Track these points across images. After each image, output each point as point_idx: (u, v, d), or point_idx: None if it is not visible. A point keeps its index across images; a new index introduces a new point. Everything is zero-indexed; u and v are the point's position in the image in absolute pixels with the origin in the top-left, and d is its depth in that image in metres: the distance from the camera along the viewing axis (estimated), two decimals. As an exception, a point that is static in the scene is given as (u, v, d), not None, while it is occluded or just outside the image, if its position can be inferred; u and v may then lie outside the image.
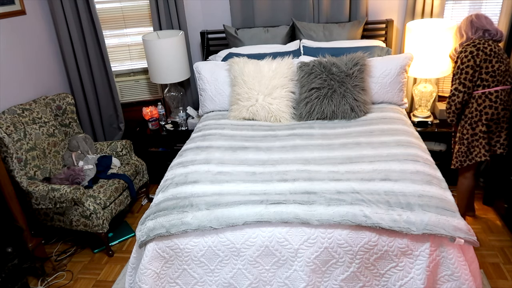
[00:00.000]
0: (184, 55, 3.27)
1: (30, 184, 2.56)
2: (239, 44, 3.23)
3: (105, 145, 3.19)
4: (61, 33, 3.29)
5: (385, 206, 1.80)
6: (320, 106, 2.72)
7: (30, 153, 2.72)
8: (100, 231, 2.61)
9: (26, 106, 2.83)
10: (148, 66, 3.30)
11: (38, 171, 2.76)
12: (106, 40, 3.43)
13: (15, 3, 2.91)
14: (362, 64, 2.73)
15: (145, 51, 3.22)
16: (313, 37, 3.14)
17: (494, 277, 2.28)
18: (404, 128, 2.50)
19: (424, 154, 2.22)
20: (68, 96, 3.14)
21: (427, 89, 3.00)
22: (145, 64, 3.67)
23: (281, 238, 1.79)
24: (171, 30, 3.34)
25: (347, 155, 2.23)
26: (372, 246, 1.74)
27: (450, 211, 1.78)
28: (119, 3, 3.44)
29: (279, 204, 1.85)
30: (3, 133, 2.45)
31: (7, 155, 2.46)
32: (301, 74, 2.79)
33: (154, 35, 3.32)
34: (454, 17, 3.06)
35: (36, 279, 2.55)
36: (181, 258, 1.88)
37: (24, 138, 2.69)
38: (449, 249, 1.72)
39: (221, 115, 2.94)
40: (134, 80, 3.64)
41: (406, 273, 1.77)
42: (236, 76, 2.86)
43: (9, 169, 2.47)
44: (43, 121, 2.89)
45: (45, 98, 3.03)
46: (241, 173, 2.13)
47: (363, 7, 3.15)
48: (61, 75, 3.47)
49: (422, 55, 2.83)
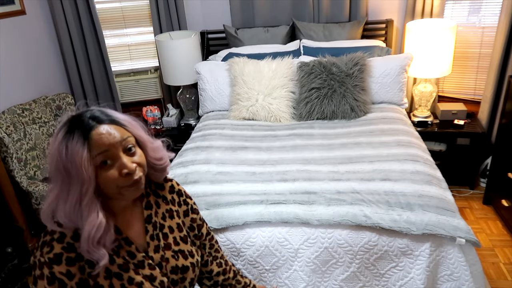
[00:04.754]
0: (198, 57, 3.24)
1: (30, 184, 2.56)
2: (239, 44, 3.23)
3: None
4: (61, 33, 3.29)
5: (385, 206, 1.80)
6: (320, 106, 2.71)
7: (30, 153, 2.72)
8: (100, 231, 2.61)
9: (26, 106, 2.83)
10: (161, 67, 3.30)
11: (38, 171, 2.76)
12: (106, 40, 3.43)
13: (15, 3, 2.91)
14: (362, 64, 2.73)
15: (158, 52, 3.22)
16: (313, 37, 3.14)
17: (494, 277, 2.28)
18: (404, 128, 2.50)
19: (424, 154, 2.22)
20: (68, 96, 3.14)
21: (427, 89, 2.99)
22: (146, 64, 3.68)
23: (281, 238, 1.79)
24: (184, 31, 3.34)
25: (347, 155, 2.23)
26: (372, 246, 1.74)
27: (450, 211, 1.78)
28: (119, 3, 3.44)
29: (279, 204, 1.85)
30: (3, 133, 2.45)
31: (7, 155, 2.46)
32: (301, 74, 2.79)
33: (166, 35, 3.31)
34: (454, 17, 3.06)
35: (36, 279, 2.55)
36: (181, 258, 1.88)
37: (24, 138, 2.69)
38: (449, 249, 1.72)
39: (221, 115, 2.93)
40: (134, 80, 3.64)
41: (406, 273, 1.77)
42: (236, 76, 2.86)
43: (9, 169, 2.47)
44: (43, 121, 2.89)
45: (45, 98, 3.03)
46: (241, 173, 2.13)
47: (363, 7, 3.15)
48: (61, 75, 3.47)
49: (422, 55, 2.82)
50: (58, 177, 0.88)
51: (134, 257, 1.01)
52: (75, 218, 0.88)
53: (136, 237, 1.04)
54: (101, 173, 0.88)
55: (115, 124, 0.92)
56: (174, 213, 1.13)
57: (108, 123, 0.91)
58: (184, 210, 1.17)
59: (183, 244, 1.11)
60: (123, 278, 0.96)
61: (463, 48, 3.07)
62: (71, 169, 0.85)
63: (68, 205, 0.87)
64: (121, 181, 0.90)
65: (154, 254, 1.04)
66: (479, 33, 3.01)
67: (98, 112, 0.92)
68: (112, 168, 0.89)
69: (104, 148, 0.87)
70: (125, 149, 0.91)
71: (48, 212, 0.91)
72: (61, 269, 0.89)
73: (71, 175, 0.86)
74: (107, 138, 0.88)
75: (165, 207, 1.12)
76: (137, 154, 0.94)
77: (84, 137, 0.86)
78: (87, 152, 0.85)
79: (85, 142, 0.85)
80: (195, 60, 3.18)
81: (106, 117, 0.92)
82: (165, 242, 1.07)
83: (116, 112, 0.96)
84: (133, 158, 0.93)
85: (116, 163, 0.89)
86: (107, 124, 0.90)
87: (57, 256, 0.90)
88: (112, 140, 0.88)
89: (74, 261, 0.91)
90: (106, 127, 0.89)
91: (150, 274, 1.01)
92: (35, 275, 0.91)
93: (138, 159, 0.94)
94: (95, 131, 0.88)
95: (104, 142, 0.87)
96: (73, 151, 0.85)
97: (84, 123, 0.88)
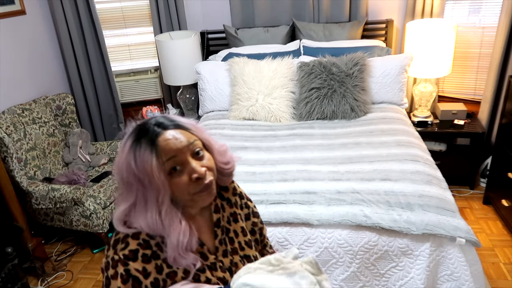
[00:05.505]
0: (198, 57, 3.25)
1: (30, 184, 2.56)
2: (239, 44, 3.23)
3: (105, 145, 3.19)
4: (61, 33, 3.29)
5: (385, 206, 1.80)
6: (320, 106, 2.71)
7: (30, 153, 2.71)
8: (100, 231, 2.61)
9: (26, 106, 2.83)
10: (161, 67, 3.30)
11: (38, 171, 2.76)
12: (106, 40, 3.43)
13: (15, 3, 2.91)
14: (362, 64, 2.73)
15: (158, 52, 3.22)
16: (313, 37, 3.14)
17: (494, 277, 2.28)
18: (404, 128, 2.50)
19: (424, 154, 2.22)
20: (68, 96, 3.14)
21: (427, 89, 2.99)
22: (146, 64, 3.68)
23: (281, 238, 1.79)
24: (184, 31, 3.34)
25: (347, 155, 2.23)
26: (372, 246, 1.74)
27: (450, 211, 1.78)
28: (119, 3, 3.44)
29: (279, 204, 1.85)
30: (3, 133, 2.45)
31: (7, 155, 2.45)
32: (301, 74, 2.79)
33: (166, 35, 3.31)
34: (454, 17, 3.06)
35: (36, 279, 2.55)
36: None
37: (24, 138, 2.69)
38: (449, 249, 1.72)
39: (221, 115, 2.93)
40: (134, 80, 3.64)
41: (406, 273, 1.77)
42: (236, 76, 2.86)
43: (9, 169, 2.47)
44: (43, 121, 2.89)
45: (45, 98, 3.03)
46: (241, 173, 2.13)
47: (363, 7, 3.15)
48: (61, 75, 3.47)
49: (422, 55, 2.82)
50: (131, 187, 0.87)
51: (207, 259, 0.98)
52: (157, 228, 0.87)
53: (206, 241, 1.00)
54: (172, 180, 0.87)
55: (181, 129, 0.91)
56: (238, 216, 1.09)
57: (173, 128, 0.90)
58: (246, 213, 1.12)
59: (248, 249, 1.06)
60: (200, 280, 0.94)
61: (463, 48, 3.07)
62: (144, 178, 0.85)
63: (149, 216, 0.86)
64: (192, 187, 0.88)
65: (223, 259, 1.01)
66: (479, 33, 3.01)
67: (162, 119, 0.91)
68: (183, 174, 0.87)
69: (172, 154, 0.86)
70: (193, 153, 0.90)
71: (120, 219, 0.90)
72: (137, 266, 0.86)
73: (144, 185, 0.85)
74: (174, 143, 0.87)
75: (229, 210, 1.08)
76: (205, 157, 0.92)
77: (151, 144, 0.85)
78: (156, 160, 0.84)
79: (153, 150, 0.85)
80: (195, 60, 3.18)
81: (171, 122, 0.91)
82: (232, 247, 1.04)
83: (180, 117, 0.95)
84: (202, 162, 0.90)
85: (185, 168, 0.88)
86: (173, 129, 0.89)
87: (133, 252, 0.87)
88: (179, 145, 0.87)
89: (150, 258, 0.88)
90: (172, 132, 0.88)
91: (223, 277, 0.98)
92: (108, 276, 0.87)
93: (207, 162, 0.91)
94: (161, 137, 0.87)
95: (172, 147, 0.86)
96: (142, 160, 0.85)
97: (149, 131, 0.88)
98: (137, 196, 0.87)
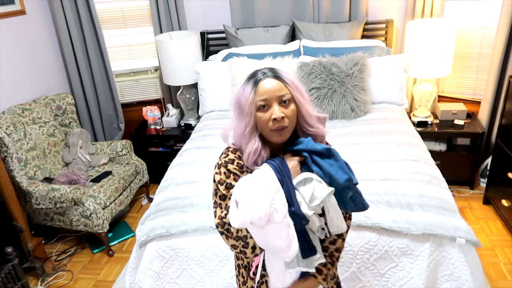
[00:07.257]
0: (198, 57, 3.24)
1: (30, 184, 2.56)
2: (239, 44, 3.23)
3: (105, 145, 3.19)
4: (61, 33, 3.29)
5: (385, 206, 1.80)
6: (320, 106, 2.71)
7: (30, 153, 2.71)
8: (100, 231, 2.61)
9: (26, 106, 2.83)
10: (161, 67, 3.31)
11: (38, 171, 2.76)
12: (106, 40, 3.43)
13: (15, 3, 2.91)
14: (362, 64, 2.73)
15: (158, 52, 3.22)
16: (313, 37, 3.14)
17: (494, 277, 2.28)
18: (404, 128, 2.50)
19: (424, 154, 2.22)
20: (68, 96, 3.14)
21: (427, 89, 2.99)
22: (146, 64, 3.68)
23: (281, 238, 1.79)
24: (184, 31, 3.34)
25: (347, 155, 2.22)
26: (372, 246, 1.74)
27: (450, 211, 1.78)
28: (119, 3, 3.44)
29: (279, 204, 1.85)
30: (3, 133, 2.45)
31: (7, 155, 2.45)
32: (301, 74, 2.79)
33: (166, 35, 3.31)
34: (454, 17, 3.06)
35: (36, 279, 2.55)
36: (181, 258, 1.88)
37: (24, 138, 2.69)
38: (449, 249, 1.72)
39: (221, 115, 2.93)
40: (134, 80, 3.64)
41: (406, 273, 1.77)
42: (236, 76, 2.86)
43: (9, 169, 2.47)
44: (43, 121, 2.89)
45: (45, 98, 3.03)
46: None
47: (363, 7, 3.15)
48: (61, 75, 3.47)
49: (422, 55, 2.82)
50: (236, 110, 1.19)
51: None
52: (241, 140, 1.18)
53: None
54: (259, 114, 1.14)
55: (279, 80, 1.15)
56: None
57: (273, 77, 1.14)
58: None
59: None
60: None
61: (463, 48, 3.07)
62: (243, 105, 1.15)
63: (238, 130, 1.18)
64: (270, 124, 1.13)
65: None
66: (479, 33, 3.01)
67: (268, 69, 1.17)
68: (266, 112, 1.13)
69: (264, 96, 1.12)
70: (281, 100, 1.13)
71: (226, 133, 1.25)
72: (234, 166, 1.19)
73: (242, 109, 1.16)
74: (267, 89, 1.13)
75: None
76: (289, 108, 1.14)
77: (254, 84, 1.14)
78: (253, 95, 1.13)
79: (253, 88, 1.14)
80: (195, 60, 3.18)
81: (273, 73, 1.16)
82: None
83: (285, 72, 1.18)
84: (284, 110, 1.13)
85: (270, 109, 1.13)
86: (272, 78, 1.14)
87: (231, 159, 1.21)
88: (271, 90, 1.13)
89: (243, 168, 1.20)
90: (271, 80, 1.14)
91: None
92: (215, 173, 1.20)
93: (288, 112, 1.13)
94: (262, 82, 1.14)
95: (265, 91, 1.13)
96: (246, 93, 1.15)
97: (257, 75, 1.16)
98: (236, 116, 1.19)
